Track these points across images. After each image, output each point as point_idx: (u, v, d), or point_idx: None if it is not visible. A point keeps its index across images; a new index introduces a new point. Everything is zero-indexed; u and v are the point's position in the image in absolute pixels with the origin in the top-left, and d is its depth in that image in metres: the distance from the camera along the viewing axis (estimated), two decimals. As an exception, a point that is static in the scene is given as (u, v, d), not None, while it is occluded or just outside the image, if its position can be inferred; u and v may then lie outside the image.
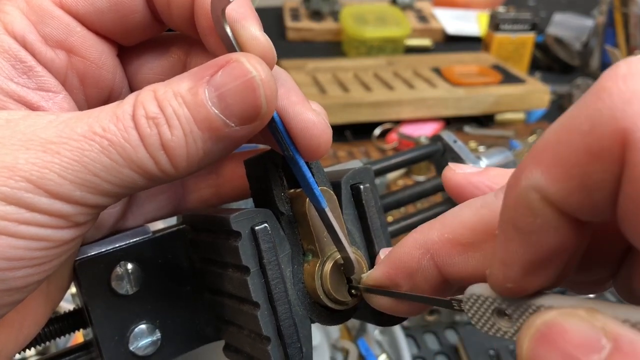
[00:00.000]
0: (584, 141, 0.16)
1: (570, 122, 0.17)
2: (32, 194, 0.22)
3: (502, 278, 0.20)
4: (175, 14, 0.27)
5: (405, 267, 0.25)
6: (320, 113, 0.27)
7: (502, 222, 0.19)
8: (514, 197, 0.18)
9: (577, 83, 1.36)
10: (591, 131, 0.16)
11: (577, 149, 0.16)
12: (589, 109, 0.16)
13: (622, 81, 0.16)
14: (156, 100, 0.23)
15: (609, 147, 0.15)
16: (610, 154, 0.15)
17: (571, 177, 0.16)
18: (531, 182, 0.17)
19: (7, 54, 0.25)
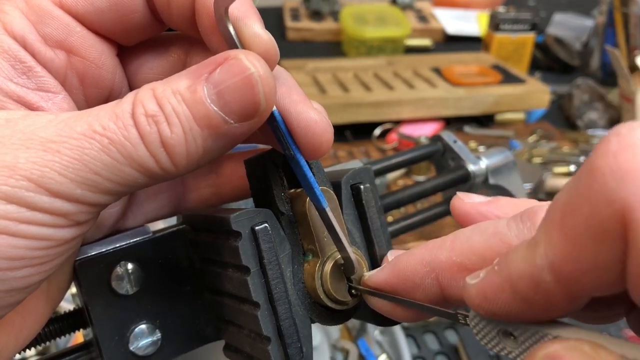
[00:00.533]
0: (587, 224, 0.16)
1: (572, 202, 0.17)
2: (32, 193, 0.22)
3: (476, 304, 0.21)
4: (175, 14, 0.27)
5: (408, 280, 0.25)
6: (321, 112, 0.27)
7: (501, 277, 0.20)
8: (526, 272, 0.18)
9: (577, 83, 1.36)
10: (592, 214, 0.16)
11: (582, 233, 0.16)
12: (586, 191, 0.16)
13: (613, 159, 0.16)
14: (155, 98, 0.23)
15: (611, 229, 0.16)
16: (613, 235, 0.16)
17: (582, 259, 0.17)
18: (547, 261, 0.18)
19: (7, 54, 0.25)
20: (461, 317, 0.23)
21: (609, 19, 1.47)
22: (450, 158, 0.44)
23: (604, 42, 1.49)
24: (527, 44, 1.48)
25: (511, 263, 0.19)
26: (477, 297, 0.21)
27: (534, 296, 0.18)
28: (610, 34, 1.45)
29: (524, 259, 0.19)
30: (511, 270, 0.19)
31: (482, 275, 0.21)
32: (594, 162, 0.16)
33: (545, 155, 1.11)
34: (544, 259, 0.18)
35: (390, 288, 0.26)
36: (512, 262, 0.19)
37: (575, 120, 1.31)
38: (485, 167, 0.43)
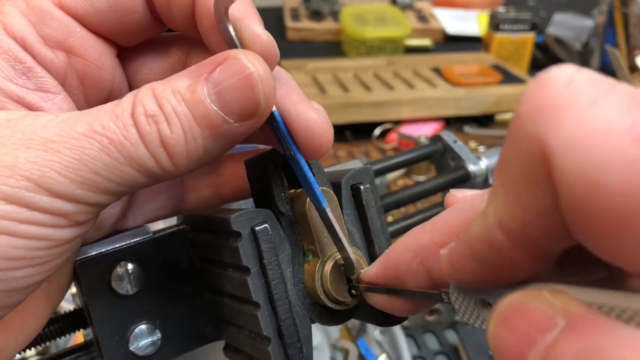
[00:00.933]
0: (518, 173, 0.16)
1: (504, 155, 0.16)
2: (32, 193, 0.22)
3: (447, 274, 0.21)
4: (175, 14, 0.27)
5: (396, 268, 0.25)
6: (321, 112, 0.27)
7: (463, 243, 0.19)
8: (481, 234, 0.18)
9: (577, 83, 1.36)
10: (519, 162, 0.15)
11: (516, 183, 0.16)
12: (511, 140, 0.16)
13: (528, 102, 0.15)
14: (155, 98, 0.23)
15: (537, 171, 0.15)
16: (541, 177, 0.15)
17: (523, 210, 0.16)
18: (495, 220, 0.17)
19: (7, 55, 0.25)
20: (444, 296, 0.23)
21: (609, 19, 1.47)
22: (450, 158, 0.44)
23: (604, 42, 1.49)
24: (527, 44, 1.48)
25: (470, 229, 0.19)
26: (447, 267, 0.21)
27: (492, 257, 0.18)
28: (610, 34, 1.45)
29: (479, 222, 0.18)
30: (470, 235, 0.19)
31: (452, 244, 0.21)
32: (516, 106, 0.16)
33: (545, 155, 1.11)
34: (493, 218, 0.17)
35: (383, 280, 0.26)
36: (471, 228, 0.19)
37: (575, 120, 1.31)
38: (485, 167, 0.43)
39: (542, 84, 0.15)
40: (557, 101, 0.14)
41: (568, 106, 0.14)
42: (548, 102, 0.15)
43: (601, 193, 0.13)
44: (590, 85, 0.14)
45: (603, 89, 0.14)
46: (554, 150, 0.14)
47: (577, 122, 0.14)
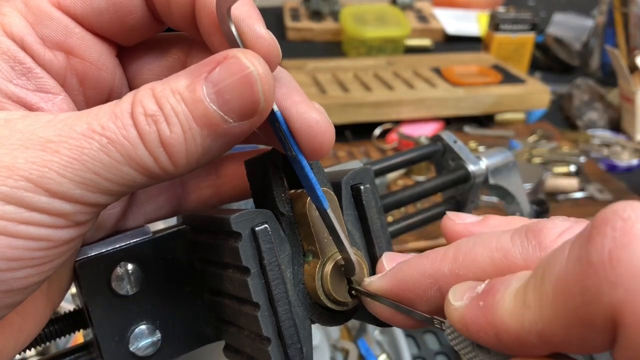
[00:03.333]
0: (578, 313, 0.17)
1: (566, 285, 0.17)
2: (31, 193, 0.22)
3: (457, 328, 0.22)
4: (175, 13, 0.27)
5: (411, 291, 0.25)
6: (322, 113, 0.27)
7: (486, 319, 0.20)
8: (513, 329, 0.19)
9: (577, 83, 1.36)
10: (585, 305, 0.16)
11: (573, 318, 0.17)
12: (581, 282, 0.17)
13: (608, 259, 0.16)
14: (154, 98, 0.23)
15: (601, 324, 0.16)
16: (602, 329, 0.16)
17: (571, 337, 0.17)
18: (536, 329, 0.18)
19: (6, 56, 0.25)
20: (437, 323, 0.23)
21: (609, 19, 1.47)
22: (450, 158, 0.44)
23: (603, 42, 1.49)
24: (527, 44, 1.48)
25: (498, 310, 0.20)
26: (459, 324, 0.21)
27: (516, 347, 0.19)
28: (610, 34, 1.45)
29: (512, 316, 0.19)
30: (497, 319, 0.20)
31: (466, 303, 0.21)
32: (590, 250, 0.16)
33: (545, 155, 1.11)
34: (533, 326, 0.18)
35: (392, 297, 0.26)
36: (499, 310, 0.20)
37: (575, 120, 1.31)
38: (485, 167, 0.43)
39: (624, 238, 0.16)
40: (638, 271, 0.15)
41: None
42: (632, 269, 0.15)
43: None
44: None
45: None
46: (631, 322, 0.15)
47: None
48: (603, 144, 1.20)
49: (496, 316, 0.20)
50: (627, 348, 0.15)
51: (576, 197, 1.02)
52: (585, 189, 1.03)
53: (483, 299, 0.20)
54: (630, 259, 0.15)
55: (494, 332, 0.20)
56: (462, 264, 0.23)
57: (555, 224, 0.22)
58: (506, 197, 0.46)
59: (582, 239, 0.17)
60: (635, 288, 0.15)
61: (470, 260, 0.23)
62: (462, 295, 0.22)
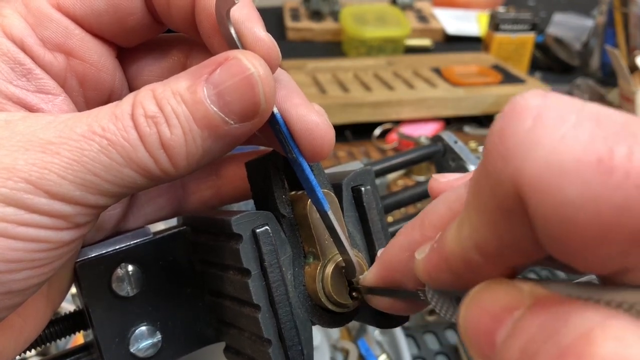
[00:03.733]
0: (493, 204, 0.16)
1: (478, 182, 0.17)
2: (31, 195, 0.22)
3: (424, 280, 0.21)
4: (175, 15, 0.27)
5: (394, 269, 0.25)
6: (322, 114, 0.27)
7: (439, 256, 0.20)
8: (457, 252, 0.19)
9: (577, 83, 1.36)
10: (493, 193, 0.16)
11: (492, 212, 0.16)
12: (484, 172, 0.16)
13: (499, 139, 0.16)
14: (155, 99, 0.23)
15: (512, 206, 0.16)
16: (516, 211, 0.16)
17: (500, 236, 0.17)
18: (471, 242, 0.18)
19: (6, 57, 0.25)
20: (421, 294, 0.23)
21: (609, 19, 1.47)
22: (450, 158, 0.44)
23: (603, 42, 1.49)
24: (527, 44, 1.48)
25: (444, 242, 0.19)
26: (423, 274, 0.21)
27: (468, 273, 0.19)
28: (610, 34, 1.45)
29: (454, 239, 0.19)
30: (445, 250, 0.19)
31: (426, 251, 0.21)
32: (486, 141, 0.16)
33: (546, 155, 1.11)
34: (469, 239, 0.18)
35: (382, 282, 0.26)
36: (445, 241, 0.19)
37: (575, 120, 1.31)
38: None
39: (511, 119, 0.15)
40: (526, 139, 0.15)
41: (537, 144, 0.15)
42: (518, 140, 0.15)
43: (574, 229, 0.14)
44: (557, 118, 0.15)
45: (570, 120, 0.14)
46: (527, 191, 0.15)
47: (546, 162, 0.14)
48: (603, 144, 1.20)
49: (445, 247, 0.19)
50: (539, 217, 0.15)
51: (576, 197, 1.01)
52: (585, 189, 1.03)
53: (437, 242, 0.20)
54: (516, 130, 0.15)
55: (447, 266, 0.19)
56: (429, 225, 0.23)
57: None
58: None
59: None
60: (523, 154, 0.15)
61: (436, 218, 0.23)
62: (425, 249, 0.21)
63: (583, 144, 0.14)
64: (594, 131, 0.14)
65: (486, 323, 0.17)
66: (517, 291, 0.17)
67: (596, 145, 0.14)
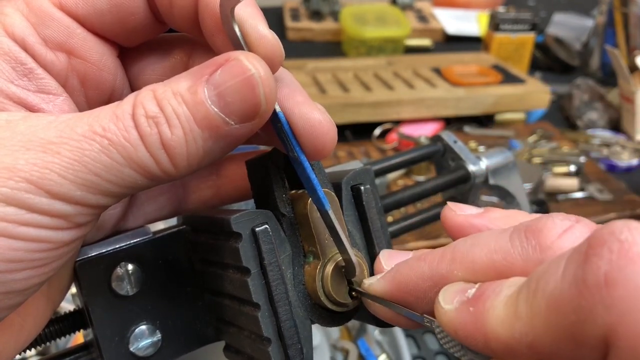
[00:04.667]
0: (571, 330, 0.17)
1: (559, 302, 0.17)
2: (32, 195, 0.22)
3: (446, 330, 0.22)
4: (177, 14, 0.27)
5: (410, 294, 0.25)
6: (324, 113, 0.27)
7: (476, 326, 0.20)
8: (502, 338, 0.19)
9: (577, 83, 1.36)
10: (578, 324, 0.16)
11: (565, 336, 0.17)
12: (575, 301, 0.17)
13: (604, 280, 0.16)
14: (156, 100, 0.23)
15: (593, 344, 0.16)
16: (594, 349, 0.16)
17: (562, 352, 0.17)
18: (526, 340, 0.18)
19: (8, 56, 0.25)
20: (427, 321, 0.23)
21: (609, 19, 1.47)
22: (450, 158, 0.44)
23: (604, 42, 1.49)
24: (527, 44, 1.48)
25: (488, 318, 0.20)
26: (448, 327, 0.21)
27: (505, 355, 0.19)
28: (610, 34, 1.45)
29: (503, 325, 0.19)
30: (487, 327, 0.20)
31: (456, 307, 0.21)
32: (586, 271, 0.16)
33: (545, 155, 1.11)
34: (524, 337, 0.18)
35: (391, 299, 0.26)
36: (489, 318, 0.20)
37: (575, 120, 1.31)
38: (485, 167, 0.43)
39: (620, 260, 0.16)
40: (633, 294, 0.15)
41: None
42: (627, 292, 0.15)
43: None
44: None
45: None
46: (621, 345, 0.15)
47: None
48: (603, 144, 1.20)
49: (486, 324, 0.20)
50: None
51: (576, 197, 1.01)
52: (585, 189, 1.03)
53: (473, 305, 0.20)
54: (626, 282, 0.15)
55: (483, 339, 0.20)
56: (460, 266, 0.23)
57: (556, 223, 0.22)
58: (506, 197, 0.46)
59: (579, 258, 0.17)
60: (629, 311, 0.15)
61: (469, 261, 0.23)
62: (452, 298, 0.21)
63: None
64: None
65: None
66: None
67: None
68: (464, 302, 0.21)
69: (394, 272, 0.26)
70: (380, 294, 0.27)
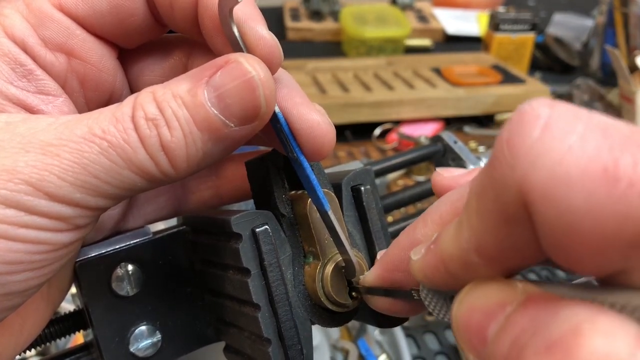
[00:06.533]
0: (495, 209, 0.16)
1: (482, 187, 0.17)
2: (31, 197, 0.22)
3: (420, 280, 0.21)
4: (177, 15, 0.27)
5: (396, 269, 0.25)
6: (323, 114, 0.27)
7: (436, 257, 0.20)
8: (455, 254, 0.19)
9: (577, 83, 1.36)
10: (497, 198, 0.16)
11: (495, 217, 0.17)
12: (489, 178, 0.16)
13: (506, 145, 0.16)
14: (155, 102, 0.23)
15: (516, 212, 0.16)
16: (520, 218, 0.16)
17: (501, 241, 0.17)
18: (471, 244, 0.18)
19: (7, 57, 0.25)
20: (415, 294, 0.23)
21: (609, 19, 1.47)
22: (450, 158, 0.44)
23: (604, 42, 1.49)
24: (527, 44, 1.48)
25: (442, 244, 0.20)
26: (419, 275, 0.21)
27: (466, 275, 0.19)
28: (610, 34, 1.45)
29: (452, 241, 0.19)
30: (443, 252, 0.19)
31: (423, 252, 0.21)
32: (495, 145, 0.16)
33: (545, 155, 1.11)
34: (469, 242, 0.18)
35: (384, 282, 0.26)
36: (443, 243, 0.19)
37: (575, 120, 1.31)
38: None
39: (519, 127, 0.16)
40: (534, 148, 0.15)
41: (544, 154, 0.15)
42: (525, 149, 0.15)
43: (578, 237, 0.14)
44: (564, 128, 0.15)
45: (577, 130, 0.15)
46: (532, 199, 0.15)
47: (553, 171, 0.15)
48: (603, 144, 1.20)
49: (442, 250, 0.19)
50: (544, 225, 0.15)
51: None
52: (585, 189, 1.03)
53: (433, 244, 0.20)
54: (524, 139, 0.15)
55: (444, 267, 0.20)
56: (431, 225, 0.23)
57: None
58: (506, 198, 0.46)
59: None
60: (531, 163, 0.15)
61: (438, 217, 0.23)
62: (420, 249, 0.21)
63: (589, 155, 0.14)
64: (600, 142, 0.14)
65: (478, 318, 0.17)
66: (510, 288, 0.17)
67: (602, 155, 0.14)
68: (428, 247, 0.21)
69: (382, 255, 0.26)
70: (372, 282, 0.27)
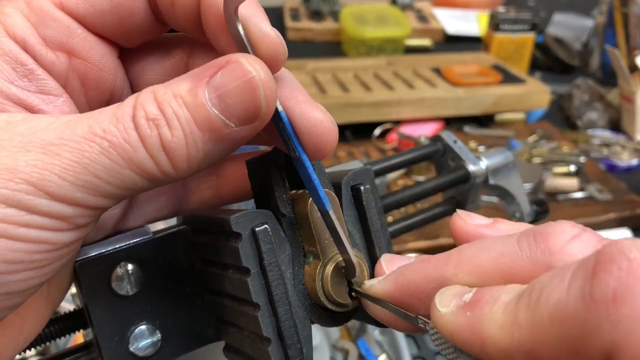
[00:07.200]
0: (574, 343, 0.17)
1: (563, 315, 0.17)
2: (32, 196, 0.22)
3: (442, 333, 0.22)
4: (179, 14, 0.27)
5: (414, 295, 0.25)
6: (326, 112, 0.27)
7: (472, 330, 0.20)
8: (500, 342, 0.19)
9: (577, 83, 1.36)
10: (581, 338, 0.16)
11: (567, 349, 0.17)
12: (580, 317, 0.17)
13: (612, 297, 0.16)
14: (156, 102, 0.23)
15: (596, 357, 0.16)
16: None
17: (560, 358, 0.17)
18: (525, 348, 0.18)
19: (8, 57, 0.25)
20: (422, 323, 0.23)
21: (609, 19, 1.47)
22: (450, 158, 0.44)
23: (604, 42, 1.49)
24: (527, 44, 1.48)
25: (486, 324, 0.20)
26: (444, 331, 0.21)
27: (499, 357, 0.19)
28: (610, 34, 1.45)
29: (502, 331, 0.19)
30: (485, 332, 0.20)
31: (453, 310, 0.21)
32: (594, 286, 0.16)
33: (545, 155, 1.11)
34: (523, 345, 0.18)
35: (393, 301, 0.26)
36: (487, 324, 0.20)
37: (575, 120, 1.31)
38: (485, 167, 0.43)
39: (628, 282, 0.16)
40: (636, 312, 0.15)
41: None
42: (631, 311, 0.15)
43: None
44: None
45: None
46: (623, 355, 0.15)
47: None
48: (603, 144, 1.20)
49: (484, 329, 0.20)
50: None
51: (576, 197, 1.01)
52: (585, 189, 1.03)
53: (470, 309, 0.20)
54: (633, 300, 0.15)
55: (480, 344, 0.20)
56: (466, 269, 0.23)
57: (565, 229, 0.22)
58: (506, 197, 0.46)
59: (586, 272, 0.17)
60: (635, 329, 0.15)
61: (476, 265, 0.23)
62: (449, 302, 0.21)
63: None
64: None
65: None
66: None
67: None
68: (461, 306, 0.21)
69: (398, 273, 0.26)
70: (381, 295, 0.27)
